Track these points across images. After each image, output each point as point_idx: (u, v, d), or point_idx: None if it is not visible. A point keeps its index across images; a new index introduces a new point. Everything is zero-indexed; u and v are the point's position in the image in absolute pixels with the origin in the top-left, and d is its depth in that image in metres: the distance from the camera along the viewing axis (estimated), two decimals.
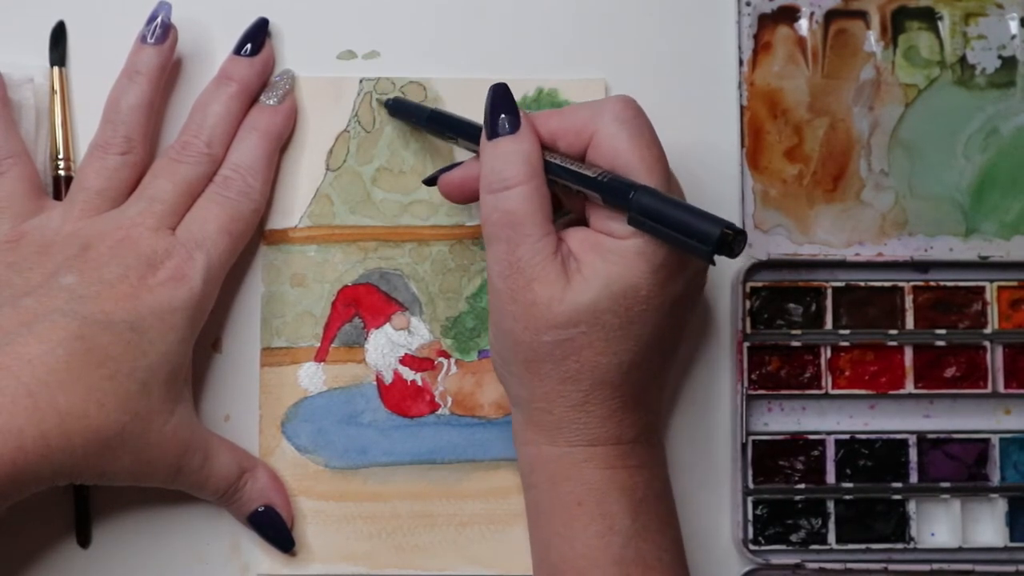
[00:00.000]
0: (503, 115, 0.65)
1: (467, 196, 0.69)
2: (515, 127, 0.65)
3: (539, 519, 0.67)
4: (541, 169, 0.65)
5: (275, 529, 0.71)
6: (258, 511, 0.70)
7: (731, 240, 0.59)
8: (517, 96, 0.73)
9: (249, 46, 0.72)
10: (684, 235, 0.59)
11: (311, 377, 0.73)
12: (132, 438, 0.64)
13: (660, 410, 0.70)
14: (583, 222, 0.66)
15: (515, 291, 0.63)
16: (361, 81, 0.74)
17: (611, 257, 0.63)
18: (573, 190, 0.64)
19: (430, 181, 0.72)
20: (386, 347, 0.73)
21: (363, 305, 0.73)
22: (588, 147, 0.65)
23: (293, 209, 0.74)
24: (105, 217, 0.68)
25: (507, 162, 0.64)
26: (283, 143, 0.73)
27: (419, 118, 0.73)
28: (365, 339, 0.73)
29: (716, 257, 0.60)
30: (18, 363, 0.62)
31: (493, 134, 0.65)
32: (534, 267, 0.63)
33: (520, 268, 0.63)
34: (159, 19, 0.72)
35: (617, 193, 0.62)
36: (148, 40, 0.72)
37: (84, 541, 0.72)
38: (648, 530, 0.65)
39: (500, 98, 0.66)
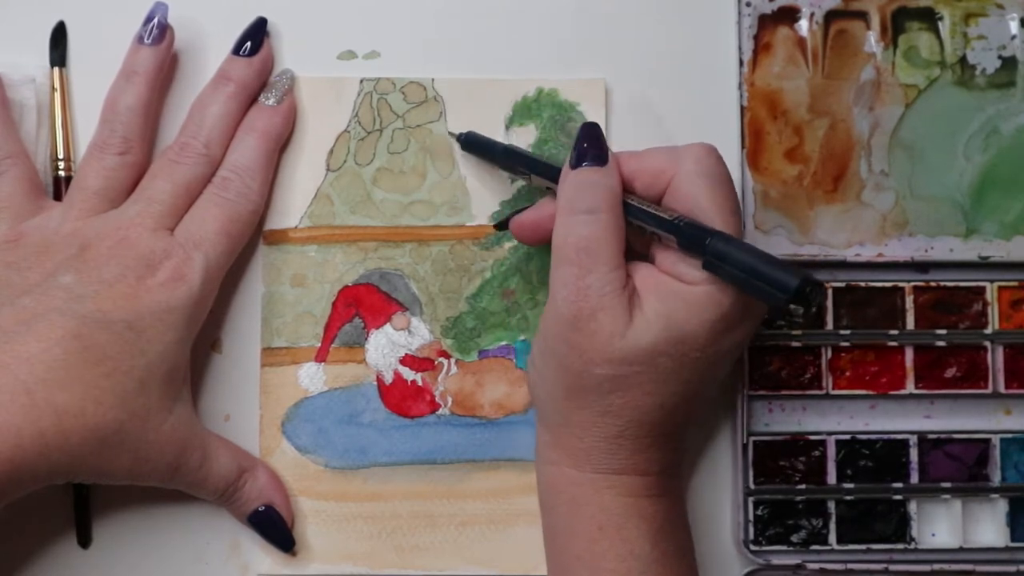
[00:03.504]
0: (594, 149, 0.66)
1: (541, 237, 0.69)
2: (603, 161, 0.65)
3: (557, 542, 0.67)
4: (621, 204, 0.65)
5: (275, 529, 0.71)
6: (258, 511, 0.70)
7: (809, 292, 0.59)
8: (517, 96, 0.74)
9: (248, 45, 0.72)
10: (762, 282, 0.60)
11: (311, 377, 0.73)
12: (129, 436, 0.64)
13: (685, 446, 0.70)
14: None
15: (578, 318, 0.63)
16: (361, 81, 0.74)
17: (675, 302, 0.63)
18: (646, 231, 0.65)
19: (502, 225, 0.72)
20: (386, 347, 0.73)
21: (363, 305, 0.73)
22: (666, 190, 0.65)
23: (293, 209, 0.74)
24: (104, 217, 0.69)
25: (591, 188, 0.65)
26: (282, 143, 0.73)
27: (493, 153, 0.73)
28: (365, 339, 0.73)
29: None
30: (16, 361, 0.62)
31: (579, 164, 0.65)
32: (603, 296, 0.63)
33: (588, 295, 0.63)
34: (156, 20, 0.72)
35: (694, 237, 0.62)
36: (145, 41, 0.72)
37: (84, 541, 0.72)
38: (667, 556, 0.65)
39: (592, 133, 0.66)
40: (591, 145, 0.66)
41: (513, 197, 0.74)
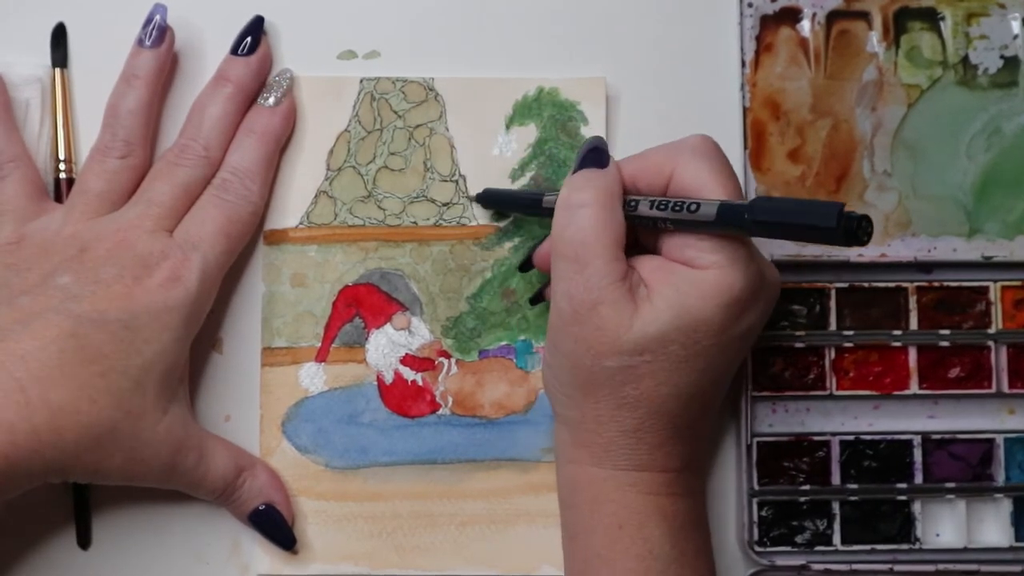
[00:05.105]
0: (593, 155, 0.66)
1: None
2: (601, 165, 0.65)
3: (577, 539, 0.66)
4: (619, 200, 0.65)
5: (276, 527, 0.71)
6: (258, 509, 0.70)
7: (856, 227, 0.56)
8: (517, 95, 0.74)
9: (247, 43, 0.72)
10: (808, 221, 0.58)
11: (312, 377, 0.73)
12: (124, 436, 0.64)
13: (707, 438, 0.70)
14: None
15: (580, 313, 0.63)
16: (361, 81, 0.74)
17: (685, 288, 0.62)
18: (659, 224, 0.64)
19: (525, 266, 0.73)
20: (387, 347, 0.73)
21: (364, 305, 0.73)
22: (668, 183, 0.65)
23: (294, 209, 0.74)
24: (104, 220, 0.69)
25: (587, 183, 0.65)
26: (282, 144, 0.73)
27: (512, 201, 0.73)
28: (366, 339, 0.73)
29: None
30: (11, 359, 0.62)
31: (580, 168, 0.66)
32: (602, 289, 0.62)
33: (588, 288, 0.63)
34: (155, 22, 0.72)
35: (733, 208, 0.61)
36: (145, 43, 0.72)
37: (84, 542, 0.72)
38: (686, 555, 0.64)
39: (594, 143, 0.66)
40: (591, 152, 0.66)
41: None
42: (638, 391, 0.63)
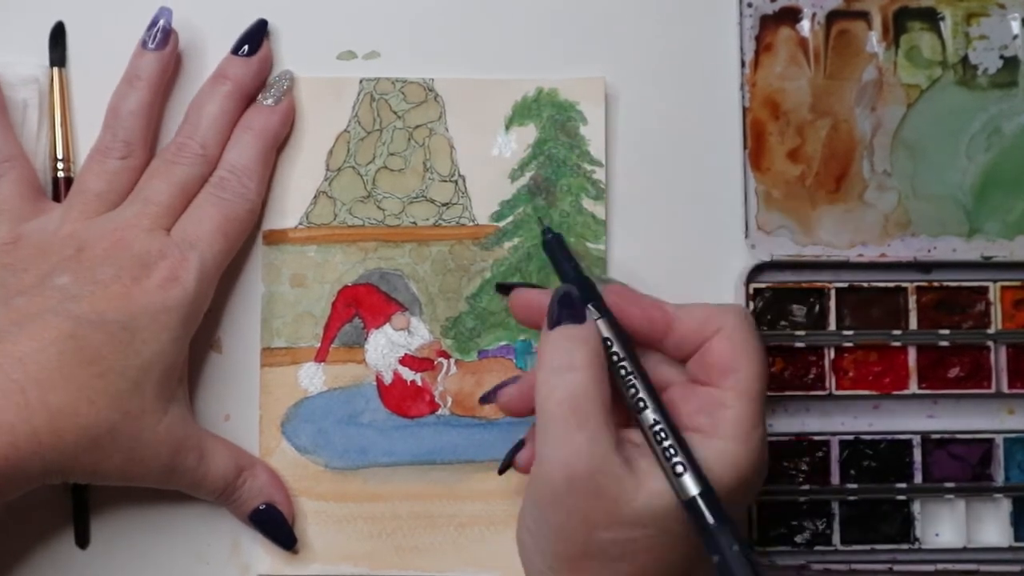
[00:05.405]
0: (568, 310, 0.61)
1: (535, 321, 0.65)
2: (579, 320, 0.61)
3: None
4: (602, 358, 0.60)
5: (277, 527, 0.71)
6: (259, 509, 0.70)
7: None
8: (517, 96, 0.74)
9: (247, 47, 0.72)
10: None
11: (311, 377, 0.73)
12: (123, 436, 0.64)
13: None
14: None
15: (576, 482, 0.58)
16: (361, 81, 0.74)
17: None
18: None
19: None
20: (386, 347, 0.73)
21: (363, 305, 0.73)
22: (702, 346, 0.62)
23: (293, 209, 0.74)
24: (102, 219, 0.69)
25: (573, 343, 0.60)
26: (280, 143, 0.73)
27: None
28: (365, 339, 0.73)
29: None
30: (9, 361, 0.62)
31: (554, 326, 0.61)
32: (595, 457, 0.58)
33: (580, 455, 0.58)
34: (160, 24, 0.72)
35: (702, 517, 0.58)
36: (149, 45, 0.72)
37: (83, 542, 0.72)
38: None
39: (566, 299, 0.62)
40: (564, 307, 0.62)
41: (512, 197, 0.74)
42: (632, 567, 0.60)
